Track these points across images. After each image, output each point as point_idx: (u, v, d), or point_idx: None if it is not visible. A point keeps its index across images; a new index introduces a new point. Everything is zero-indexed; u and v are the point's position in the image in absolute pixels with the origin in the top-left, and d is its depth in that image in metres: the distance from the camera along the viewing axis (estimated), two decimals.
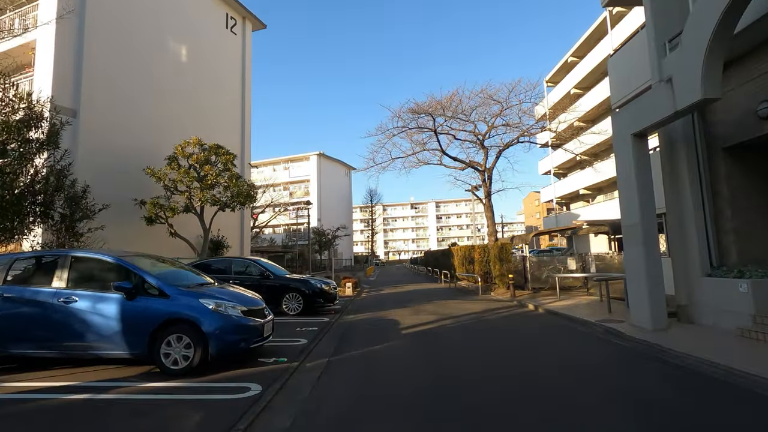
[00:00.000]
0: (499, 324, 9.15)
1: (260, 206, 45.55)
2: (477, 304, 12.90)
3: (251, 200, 17.82)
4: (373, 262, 60.55)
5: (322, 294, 11.46)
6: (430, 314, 10.82)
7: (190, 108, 20.13)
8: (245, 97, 24.31)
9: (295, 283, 11.44)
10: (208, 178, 16.50)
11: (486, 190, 16.93)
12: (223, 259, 12.09)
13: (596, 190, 35.44)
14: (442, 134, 16.37)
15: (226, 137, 22.06)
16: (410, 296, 16.12)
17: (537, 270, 15.98)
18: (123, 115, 16.75)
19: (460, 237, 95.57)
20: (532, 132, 16.85)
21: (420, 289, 19.72)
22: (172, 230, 16.24)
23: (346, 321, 10.27)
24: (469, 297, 15.12)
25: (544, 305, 11.38)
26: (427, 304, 13.22)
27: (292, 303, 11.25)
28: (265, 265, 11.68)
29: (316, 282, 11.54)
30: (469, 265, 20.43)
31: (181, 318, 5.52)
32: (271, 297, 11.30)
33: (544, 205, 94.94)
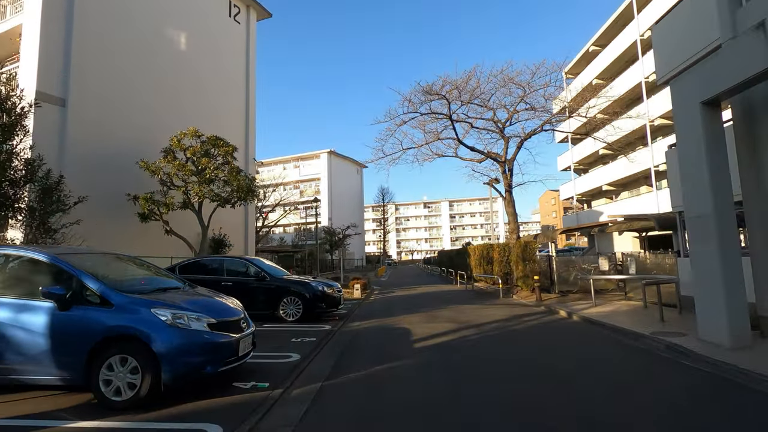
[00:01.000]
0: (530, 337, 7.70)
1: (269, 205, 44.67)
2: (499, 309, 11.44)
3: (252, 195, 16.65)
4: (385, 262, 59.24)
5: (324, 298, 10.15)
6: (446, 322, 9.41)
7: (190, 100, 19.08)
8: (249, 90, 23.21)
9: (294, 286, 10.15)
10: (206, 171, 15.38)
11: (507, 183, 15.42)
12: (213, 259, 10.89)
13: (620, 186, 33.50)
14: (458, 122, 14.94)
15: (229, 131, 20.97)
16: (423, 299, 14.72)
17: (564, 271, 14.43)
18: (117, 105, 15.74)
19: (474, 236, 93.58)
20: (558, 119, 15.24)
21: (434, 291, 18.30)
22: (168, 228, 15.14)
23: (351, 330, 8.93)
24: (488, 301, 13.66)
25: (578, 312, 9.87)
26: (443, 309, 11.81)
27: (291, 308, 9.97)
28: (261, 266, 10.43)
29: (318, 284, 10.24)
30: (488, 266, 18.93)
31: (126, 334, 4.25)
32: (267, 301, 10.08)
33: (560, 203, 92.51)
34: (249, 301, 10.11)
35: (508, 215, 15.70)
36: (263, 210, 44.11)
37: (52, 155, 13.28)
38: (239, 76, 22.84)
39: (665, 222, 10.51)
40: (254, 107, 23.54)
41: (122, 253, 6.28)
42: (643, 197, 29.44)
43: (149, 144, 16.04)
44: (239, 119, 22.41)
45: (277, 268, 11.57)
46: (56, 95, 13.72)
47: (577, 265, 14.62)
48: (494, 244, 17.96)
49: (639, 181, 31.58)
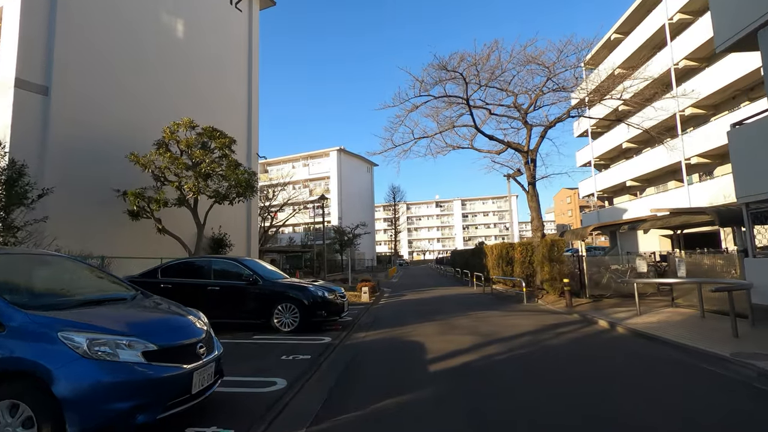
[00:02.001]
0: (575, 359, 6.24)
1: (276, 205, 43.65)
2: (525, 317, 9.98)
3: (252, 191, 15.42)
4: (397, 262, 57.89)
5: (325, 305, 8.83)
6: (466, 334, 8.01)
7: (187, 91, 17.97)
8: (252, 82, 22.05)
9: (291, 291, 8.85)
10: (202, 165, 14.21)
11: (530, 175, 13.91)
12: (199, 260, 9.64)
13: (645, 182, 31.57)
14: (475, 108, 13.47)
15: (230, 124, 19.81)
16: (438, 304, 13.32)
17: (595, 273, 12.89)
18: (106, 95, 14.67)
19: (488, 236, 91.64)
20: (589, 99, 13.64)
21: (449, 294, 16.86)
22: (159, 226, 14.01)
23: (354, 343, 7.59)
24: (511, 306, 12.20)
25: (622, 322, 8.37)
26: (461, 316, 10.39)
27: (286, 316, 8.67)
28: (252, 267, 9.14)
29: (317, 289, 8.92)
30: (507, 267, 17.46)
31: (18, 369, 2.98)
32: (260, 308, 8.81)
33: (576, 202, 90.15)
34: (239, 308, 8.90)
35: (532, 211, 14.20)
36: (271, 210, 43.13)
37: (33, 147, 12.26)
38: (241, 67, 21.71)
39: (727, 216, 8.95)
40: (257, 100, 22.39)
41: (63, 254, 5.03)
42: (671, 193, 27.51)
43: (142, 137, 14.90)
44: (241, 112, 21.27)
45: (275, 271, 10.30)
46: (38, 83, 12.67)
47: (609, 267, 13.06)
48: (515, 243, 16.47)
49: (666, 176, 29.66)
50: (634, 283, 9.45)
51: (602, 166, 38.48)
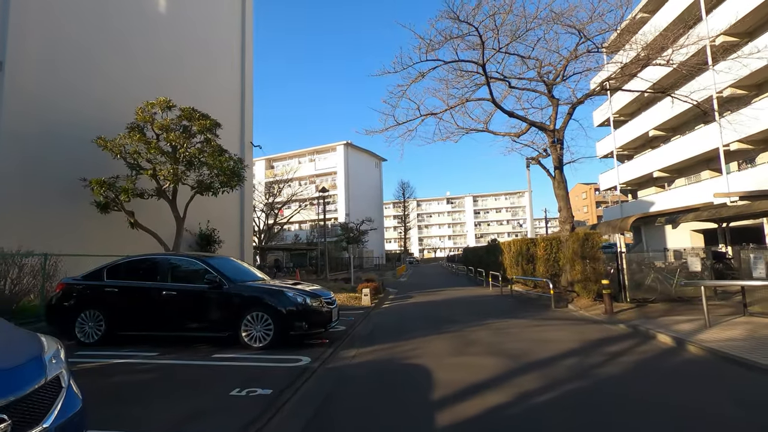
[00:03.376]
0: (646, 396, 4.28)
1: (279, 202, 42.04)
2: (560, 328, 8.01)
3: (239, 180, 13.66)
4: (407, 260, 55.92)
5: (306, 314, 6.99)
6: (487, 354, 6.11)
7: (174, 73, 16.28)
8: (246, 66, 20.32)
9: (263, 297, 7.04)
10: (180, 150, 12.51)
11: (556, 158, 11.90)
12: (152, 259, 7.81)
13: (674, 173, 29.10)
14: (493, 81, 11.45)
15: (223, 111, 18.10)
16: (449, 310, 11.40)
17: (637, 273, 10.84)
18: (76, 74, 13.02)
19: (500, 233, 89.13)
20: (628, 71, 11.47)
21: (462, 296, 14.91)
22: (131, 219, 12.34)
23: (337, 368, 5.73)
24: (538, 313, 10.22)
25: (690, 338, 6.37)
26: (478, 326, 8.46)
27: (257, 328, 6.85)
28: (217, 266, 7.33)
29: (297, 295, 7.08)
30: (528, 265, 15.45)
31: None
32: (224, 318, 7.02)
33: (593, 197, 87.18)
34: (199, 318, 7.12)
35: (559, 200, 12.17)
36: (275, 206, 41.56)
37: None
38: (233, 50, 19.99)
39: None
40: (251, 85, 20.66)
41: None
42: (705, 183, 25.06)
43: (118, 122, 13.23)
44: (233, 98, 19.55)
45: (249, 271, 8.51)
46: None
47: (654, 265, 11.00)
48: (537, 238, 14.45)
49: (698, 166, 27.19)
50: (701, 287, 7.40)
51: (625, 157, 36.07)
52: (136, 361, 6.15)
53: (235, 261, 8.82)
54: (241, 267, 8.49)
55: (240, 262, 8.90)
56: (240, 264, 8.71)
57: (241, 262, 9.09)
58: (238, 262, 8.89)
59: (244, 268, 8.45)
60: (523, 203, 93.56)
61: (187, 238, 16.18)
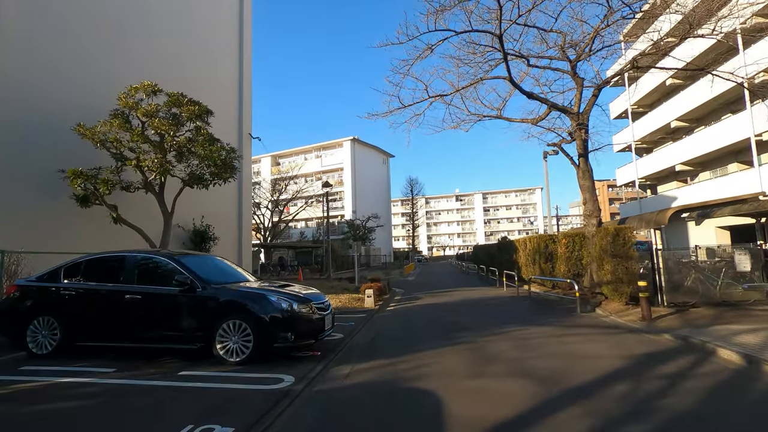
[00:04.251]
0: None
1: (284, 199, 41.14)
2: (594, 339, 6.79)
3: (232, 171, 12.62)
4: (415, 258, 54.76)
5: (293, 322, 5.88)
6: (511, 375, 4.94)
7: (164, 60, 15.26)
8: (244, 54, 19.28)
9: (242, 302, 5.95)
10: (167, 138, 11.52)
11: (581, 145, 10.64)
12: (116, 257, 6.73)
13: (698, 166, 27.50)
14: (511, 58, 10.21)
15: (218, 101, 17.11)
16: (461, 314, 10.23)
17: (676, 273, 9.55)
18: (59, 56, 12.07)
19: (511, 230, 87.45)
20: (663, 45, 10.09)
21: (474, 298, 13.72)
22: (114, 214, 11.35)
23: (323, 395, 4.59)
24: (563, 319, 8.99)
25: (764, 354, 5.14)
26: (496, 335, 7.28)
27: (234, 339, 5.76)
28: (189, 266, 6.24)
29: (282, 299, 5.97)
30: (546, 264, 14.21)
31: None
32: (196, 327, 5.96)
33: (606, 194, 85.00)
34: (167, 327, 6.05)
35: (583, 191, 10.90)
36: (280, 203, 40.67)
37: None
38: (231, 37, 18.96)
39: None
40: (250, 75, 19.62)
41: None
42: (732, 177, 23.47)
43: (103, 109, 12.23)
44: (231, 89, 18.53)
45: (235, 270, 7.43)
46: None
47: (696, 264, 9.70)
48: (558, 234, 13.20)
49: (725, 158, 25.57)
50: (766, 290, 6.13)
51: (643, 151, 34.47)
52: (85, 380, 5.10)
53: (218, 260, 7.76)
54: (224, 266, 7.41)
55: (225, 261, 7.83)
56: (224, 263, 7.63)
57: (227, 260, 8.02)
58: (221, 260, 7.82)
59: (227, 268, 7.37)
60: (534, 200, 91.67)
61: (180, 234, 15.23)
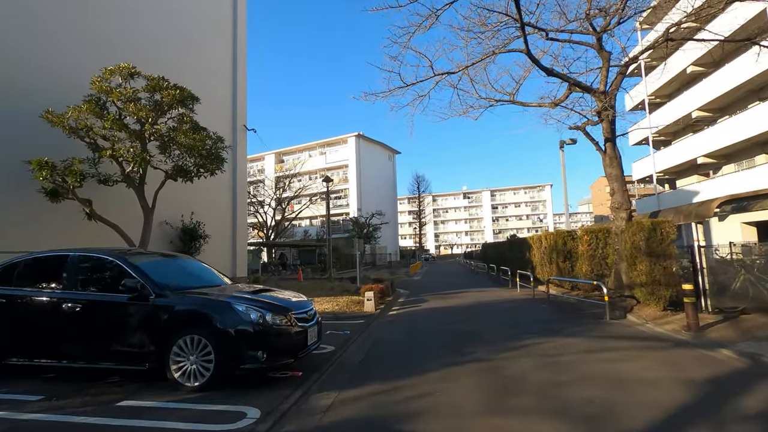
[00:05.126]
0: None
1: (287, 197, 40.12)
2: (637, 356, 5.53)
3: (219, 163, 11.51)
4: (422, 257, 53.44)
5: (264, 338, 4.72)
6: (540, 412, 3.74)
7: (149, 46, 14.22)
8: (238, 40, 18.19)
9: (204, 311, 4.81)
10: (146, 126, 10.45)
11: (608, 128, 9.36)
12: (54, 258, 5.61)
13: (722, 158, 25.93)
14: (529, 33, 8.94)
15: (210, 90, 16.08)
16: (473, 320, 9.01)
17: (720, 273, 8.24)
18: (25, 40, 11.05)
19: (519, 228, 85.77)
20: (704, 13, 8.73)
21: (485, 300, 12.48)
22: (87, 209, 10.29)
23: None
24: (591, 327, 7.73)
25: None
26: (517, 350, 6.06)
27: (192, 359, 4.63)
28: (141, 268, 5.12)
29: (250, 309, 4.81)
30: (564, 263, 12.93)
31: None
32: (146, 343, 4.84)
33: None
34: (111, 343, 4.94)
35: (611, 181, 9.62)
36: (282, 201, 39.66)
37: None
38: (223, 22, 17.87)
39: None
40: (245, 63, 18.53)
41: None
42: (760, 170, 21.96)
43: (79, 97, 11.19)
44: (224, 77, 17.44)
45: (207, 273, 6.30)
46: None
47: (745, 263, 8.38)
48: (578, 230, 11.92)
49: (751, 150, 24.02)
50: None
51: (661, 144, 32.91)
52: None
53: (188, 261, 6.63)
54: (194, 269, 6.27)
55: (197, 262, 6.71)
56: (194, 264, 6.50)
57: (198, 261, 6.90)
58: (192, 261, 6.70)
59: (196, 271, 6.23)
60: (544, 197, 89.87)
61: (168, 232, 14.20)
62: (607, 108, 9.13)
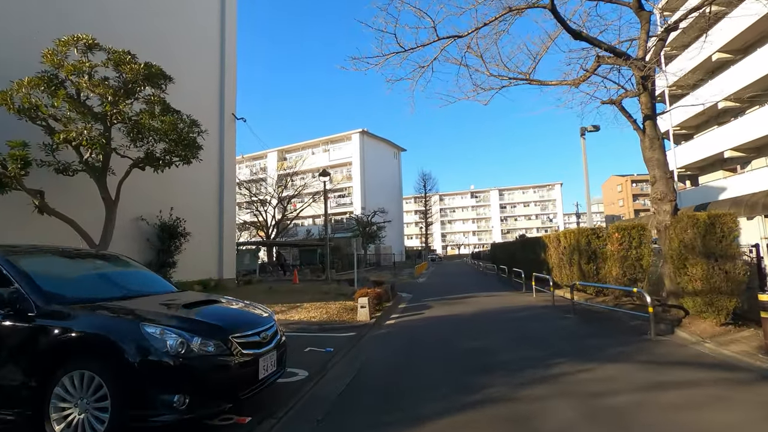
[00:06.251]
0: None
1: (287, 197, 38.75)
2: (719, 399, 3.93)
3: (193, 150, 10.10)
4: (429, 257, 51.89)
5: (185, 373, 3.25)
6: None
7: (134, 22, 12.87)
8: (226, 22, 16.79)
9: (99, 334, 3.33)
10: (107, 107, 9.07)
11: (647, 104, 7.80)
12: None
13: (752, 151, 24.05)
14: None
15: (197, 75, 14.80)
16: (484, 335, 7.47)
17: None
18: None
19: (528, 228, 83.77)
20: None
21: (498, 308, 10.92)
22: (36, 202, 8.92)
23: None
24: (637, 347, 6.13)
25: None
26: (544, 383, 4.51)
27: (82, 405, 3.17)
28: (27, 271, 3.67)
29: (166, 333, 3.34)
30: (588, 265, 11.33)
31: None
32: (22, 382, 3.33)
33: (630, 189, 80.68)
34: None
35: (651, 167, 8.01)
36: (283, 200, 38.30)
37: None
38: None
39: None
40: (234, 46, 17.14)
41: None
42: None
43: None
44: (210, 61, 16.06)
45: (141, 277, 4.86)
46: None
47: None
48: (609, 227, 10.30)
49: None
50: None
51: (681, 138, 31.03)
52: None
53: (117, 262, 5.18)
54: (119, 273, 4.83)
55: (131, 264, 5.26)
56: (123, 268, 5.06)
57: (133, 262, 5.45)
58: (123, 263, 5.24)
59: (122, 276, 4.78)
60: (554, 197, 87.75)
61: (144, 229, 12.84)
62: (646, 80, 7.54)
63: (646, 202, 74.87)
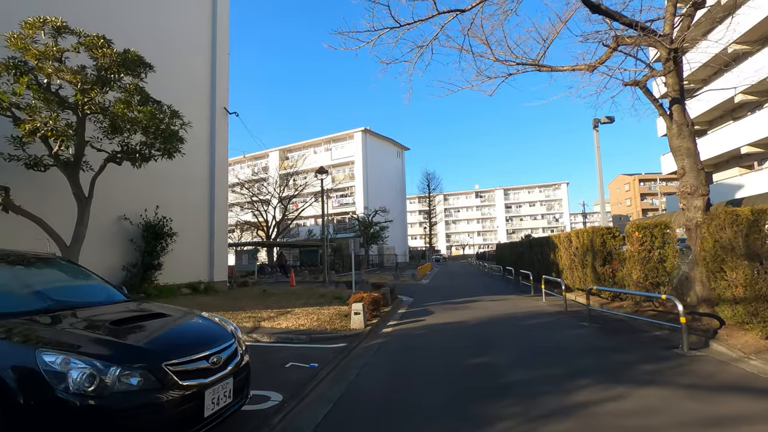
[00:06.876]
0: None
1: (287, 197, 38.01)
2: None
3: (172, 142, 9.32)
4: (433, 257, 50.90)
5: (95, 418, 2.44)
6: None
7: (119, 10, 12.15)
8: (218, 13, 16.03)
9: None
10: (77, 96, 8.33)
11: (675, 86, 6.93)
12: None
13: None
14: None
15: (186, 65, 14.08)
16: (493, 349, 6.59)
17: None
18: None
19: (534, 228, 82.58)
20: None
21: (506, 314, 10.02)
22: (0, 198, 8.19)
23: None
24: (670, 366, 5.22)
25: None
26: (573, 418, 3.64)
27: None
28: None
29: (70, 362, 2.54)
30: (603, 267, 10.43)
31: None
32: None
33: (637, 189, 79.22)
34: None
35: (680, 155, 7.14)
36: (283, 200, 37.56)
37: None
38: None
39: None
40: (227, 35, 16.37)
41: None
42: None
43: None
44: (201, 50, 15.30)
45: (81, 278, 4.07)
46: None
47: None
48: (630, 224, 9.37)
49: None
50: None
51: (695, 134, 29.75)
52: None
53: (60, 264, 4.38)
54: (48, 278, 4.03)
55: (73, 268, 4.47)
56: (65, 271, 4.26)
57: (78, 267, 4.65)
58: (64, 266, 4.45)
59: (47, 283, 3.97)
60: (559, 196, 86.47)
61: (127, 229, 12.09)
62: (673, 59, 6.66)
63: (654, 201, 73.43)
